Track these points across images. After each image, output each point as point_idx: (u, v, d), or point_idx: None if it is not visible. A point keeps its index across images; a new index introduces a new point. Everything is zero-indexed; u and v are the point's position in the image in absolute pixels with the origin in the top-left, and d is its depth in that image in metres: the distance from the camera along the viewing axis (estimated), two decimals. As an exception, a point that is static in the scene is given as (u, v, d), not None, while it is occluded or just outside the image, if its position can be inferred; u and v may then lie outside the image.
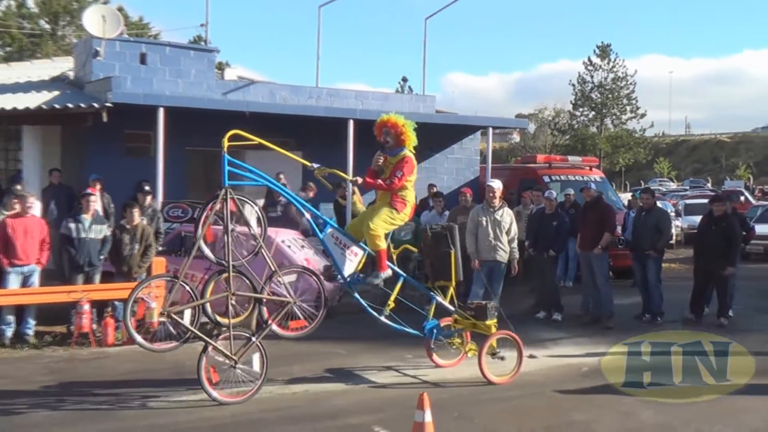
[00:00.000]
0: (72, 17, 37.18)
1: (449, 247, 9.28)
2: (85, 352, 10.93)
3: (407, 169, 8.56)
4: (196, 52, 17.67)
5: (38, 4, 39.24)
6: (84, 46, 17.03)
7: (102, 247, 11.80)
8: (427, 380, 9.41)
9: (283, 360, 10.47)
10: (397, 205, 8.61)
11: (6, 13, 38.96)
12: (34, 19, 38.97)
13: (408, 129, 8.80)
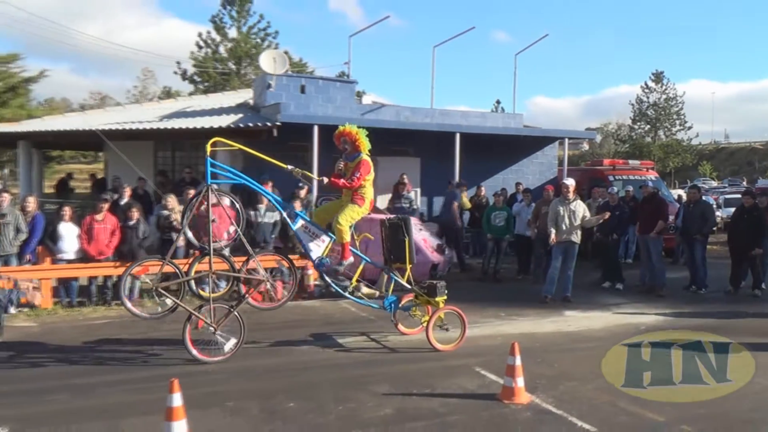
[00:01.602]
0: (251, 60, 38.21)
1: (404, 236, 8.62)
2: (259, 307, 11.30)
3: (363, 170, 8.04)
4: (341, 83, 17.96)
5: (227, 50, 40.55)
6: (260, 81, 17.60)
7: (273, 228, 12.18)
8: (518, 332, 9.32)
9: (404, 315, 10.58)
10: (357, 201, 8.15)
11: (205, 59, 40.50)
12: (224, 62, 40.28)
13: (361, 137, 8.23)
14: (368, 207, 8.32)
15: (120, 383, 7.05)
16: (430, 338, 8.31)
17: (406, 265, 8.65)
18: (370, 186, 8.26)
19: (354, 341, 8.97)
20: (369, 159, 8.21)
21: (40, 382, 6.97)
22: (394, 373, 7.40)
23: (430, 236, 13.67)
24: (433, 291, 8.57)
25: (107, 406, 6.31)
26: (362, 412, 6.23)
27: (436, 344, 8.29)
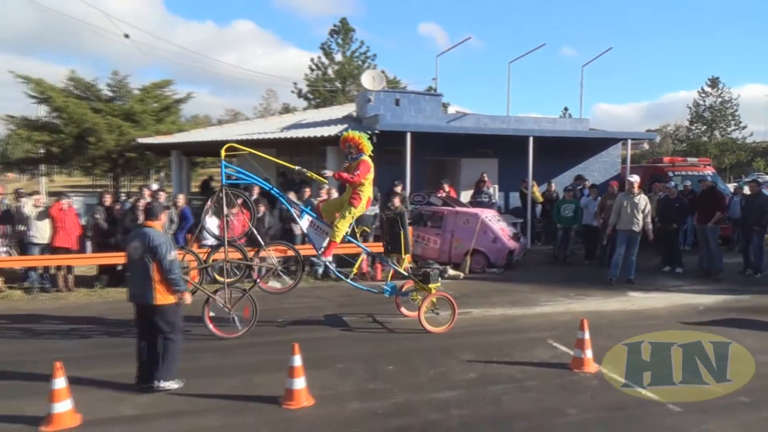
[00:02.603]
0: (354, 79, 38.65)
1: (399, 229, 8.16)
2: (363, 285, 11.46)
3: (363, 169, 7.58)
4: (430, 96, 17.84)
5: (334, 72, 41.22)
6: (362, 96, 17.76)
7: (374, 220, 12.28)
8: (586, 310, 9.01)
9: (486, 294, 10.46)
10: (354, 201, 7.68)
11: (316, 79, 41.31)
12: (332, 82, 40.97)
13: (363, 140, 7.75)
14: (364, 206, 7.84)
15: (251, 346, 7.33)
16: (421, 321, 7.83)
17: (402, 255, 8.21)
18: (369, 185, 7.80)
19: (441, 315, 8.89)
20: (369, 160, 7.75)
21: (192, 343, 7.36)
22: (477, 344, 7.33)
23: (507, 226, 13.41)
24: (427, 278, 8.09)
25: (242, 364, 6.59)
26: (450, 375, 6.21)
27: (426, 326, 7.82)
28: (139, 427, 4.94)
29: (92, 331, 7.98)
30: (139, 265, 5.76)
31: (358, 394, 5.71)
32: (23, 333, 7.89)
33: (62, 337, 7.74)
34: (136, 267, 5.81)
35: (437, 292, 8.10)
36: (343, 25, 41.80)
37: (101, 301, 9.89)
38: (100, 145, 24.76)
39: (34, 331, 7.95)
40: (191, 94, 33.63)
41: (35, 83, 25.36)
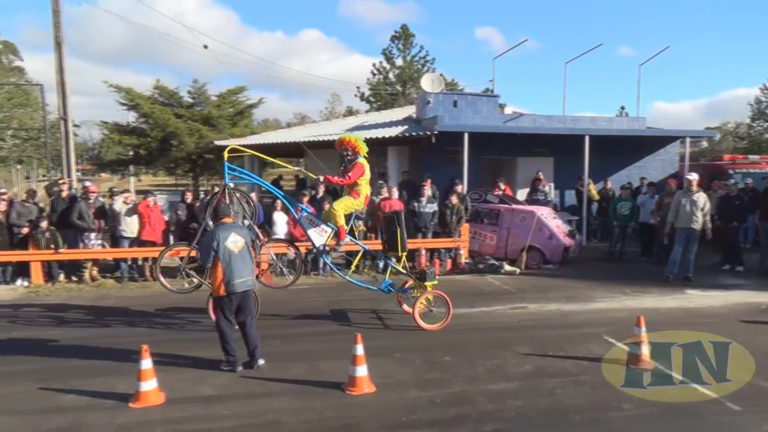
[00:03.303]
0: (414, 82, 38.55)
1: (396, 227, 7.87)
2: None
3: (354, 171, 7.49)
4: (487, 98, 17.58)
5: (395, 76, 41.25)
6: (421, 99, 17.70)
7: (432, 217, 12.24)
8: (642, 307, 8.66)
9: (541, 289, 10.23)
10: (354, 195, 7.65)
11: (377, 83, 41.44)
12: (393, 85, 41.01)
13: (359, 143, 7.61)
14: (363, 201, 7.76)
15: (316, 334, 7.47)
16: (416, 318, 7.59)
17: (398, 253, 7.94)
18: (365, 184, 7.67)
19: (499, 309, 8.80)
20: (364, 162, 7.61)
21: (265, 330, 7.54)
22: (533, 337, 7.18)
23: (563, 223, 13.06)
24: (423, 276, 7.81)
25: (308, 351, 6.70)
26: (506, 367, 6.12)
27: (420, 322, 7.56)
28: (216, 407, 5.12)
29: (175, 317, 8.33)
30: (247, 254, 6.10)
31: (417, 382, 5.70)
32: (115, 318, 8.33)
33: (149, 322, 8.12)
34: (244, 256, 6.07)
35: (433, 290, 7.80)
36: (404, 31, 41.74)
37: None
38: (181, 147, 25.82)
39: (124, 317, 8.37)
40: (262, 100, 34.54)
41: (125, 92, 26.68)
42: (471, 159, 14.72)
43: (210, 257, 5.95)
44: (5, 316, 8.47)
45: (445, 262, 12.12)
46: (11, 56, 39.91)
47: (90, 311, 8.72)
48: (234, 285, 5.94)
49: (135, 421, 4.83)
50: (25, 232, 10.80)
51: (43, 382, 5.64)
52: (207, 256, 5.97)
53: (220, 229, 6.10)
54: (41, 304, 9.37)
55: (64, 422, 4.79)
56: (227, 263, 5.95)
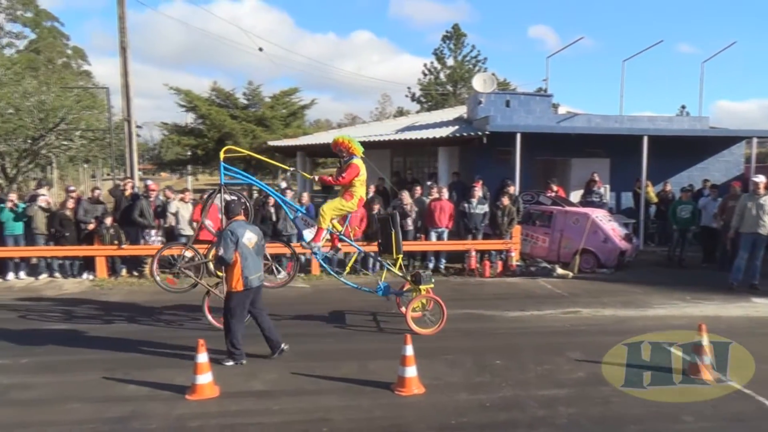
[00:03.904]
0: (465, 82, 38.30)
1: (391, 229, 7.75)
2: (472, 281, 11.33)
3: (348, 172, 7.32)
4: (540, 97, 17.25)
5: (446, 76, 41.07)
6: (473, 99, 17.55)
7: (483, 218, 12.11)
8: (703, 315, 8.30)
9: (595, 294, 9.97)
10: (346, 197, 7.44)
11: (428, 83, 41.35)
12: (443, 85, 40.83)
13: (353, 144, 7.45)
14: (356, 203, 7.55)
15: (366, 333, 7.52)
16: (408, 321, 7.39)
17: (393, 255, 7.81)
18: (360, 185, 7.50)
19: (551, 313, 8.61)
20: (358, 162, 7.43)
21: (314, 328, 7.66)
22: (586, 343, 6.98)
23: (619, 226, 12.66)
24: (418, 279, 7.64)
25: (358, 350, 6.75)
26: (558, 373, 5.98)
27: (413, 326, 7.34)
28: (267, 402, 5.22)
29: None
30: (260, 249, 6.39)
31: (467, 385, 5.65)
32: (173, 312, 8.62)
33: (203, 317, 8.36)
34: (258, 252, 6.33)
35: (427, 294, 7.63)
36: (456, 30, 41.49)
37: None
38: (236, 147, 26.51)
39: (181, 311, 8.65)
40: (315, 101, 35.17)
41: (184, 94, 27.66)
42: (523, 160, 14.47)
43: (233, 254, 6.06)
44: (73, 308, 8.92)
45: (496, 264, 11.97)
46: (80, 61, 42.04)
47: (149, 305, 9.06)
48: (251, 280, 6.18)
49: (191, 412, 4.99)
50: (90, 228, 11.32)
51: (108, 372, 5.91)
52: (231, 252, 6.05)
53: (236, 226, 6.23)
54: (105, 297, 9.81)
55: (126, 411, 5.00)
56: (245, 259, 6.13)
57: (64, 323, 8.07)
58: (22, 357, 6.44)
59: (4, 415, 4.93)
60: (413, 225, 12.05)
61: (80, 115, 21.16)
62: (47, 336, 7.33)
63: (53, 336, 7.34)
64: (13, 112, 19.51)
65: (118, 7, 14.63)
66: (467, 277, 11.53)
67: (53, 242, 11.30)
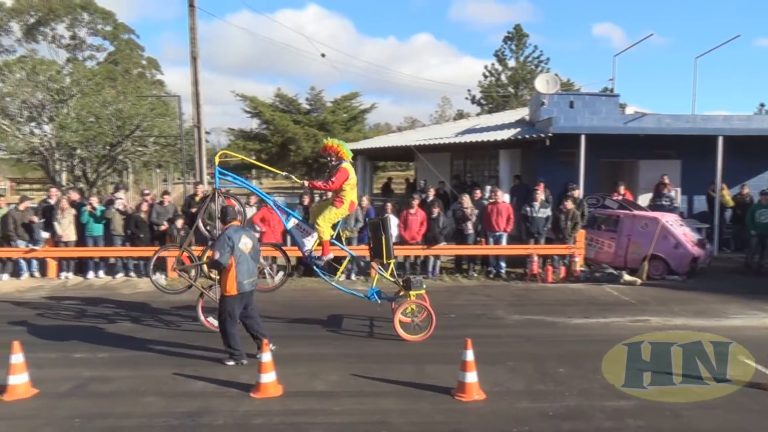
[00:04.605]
0: (527, 83, 37.65)
1: (382, 234, 7.56)
2: (534, 286, 11.10)
3: (337, 177, 7.23)
4: (606, 97, 16.68)
5: (507, 77, 40.47)
6: (535, 100, 17.20)
7: (545, 222, 11.84)
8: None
9: (665, 302, 9.55)
10: (336, 203, 7.38)
11: (489, 85, 40.88)
12: (505, 87, 40.25)
13: (342, 148, 7.35)
14: (347, 208, 7.50)
15: (428, 337, 7.49)
16: (395, 326, 7.30)
17: (383, 259, 7.67)
18: (350, 190, 7.42)
19: (618, 321, 8.31)
20: (347, 167, 7.36)
21: (375, 331, 7.71)
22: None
23: (691, 231, 12.07)
24: (408, 284, 7.49)
25: (417, 354, 6.75)
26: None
27: (400, 332, 7.26)
28: (328, 403, 5.31)
29: (289, 313, 8.74)
30: (255, 255, 6.45)
31: (529, 393, 5.54)
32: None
33: (267, 317, 8.57)
34: (253, 257, 6.40)
35: (416, 300, 7.50)
36: (517, 31, 40.84)
37: (298, 288, 10.77)
38: (299, 152, 27.18)
39: (246, 311, 8.91)
40: (375, 105, 35.43)
41: (250, 100, 28.58)
42: (588, 162, 14.06)
43: (228, 258, 6.16)
44: (146, 306, 9.38)
45: (559, 269, 11.67)
46: (154, 71, 44.16)
47: (216, 305, 9.36)
48: (244, 285, 6.25)
49: (256, 410, 5.14)
50: (163, 230, 11.87)
51: (178, 368, 6.18)
52: (227, 256, 6.15)
53: (233, 230, 6.33)
54: (176, 296, 10.24)
55: (195, 406, 5.21)
56: (239, 264, 6.21)
57: (137, 320, 8.49)
58: (100, 351, 6.83)
59: (85, 405, 5.25)
60: (473, 229, 11.93)
61: (154, 122, 22.25)
62: (122, 332, 7.74)
63: (128, 332, 7.75)
64: (93, 120, 20.74)
65: (189, 18, 15.29)
66: (529, 283, 11.31)
67: (129, 243, 11.92)
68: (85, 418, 4.98)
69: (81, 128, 20.18)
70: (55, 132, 20.67)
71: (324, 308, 8.98)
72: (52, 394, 5.51)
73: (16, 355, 5.46)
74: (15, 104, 20.41)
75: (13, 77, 20.97)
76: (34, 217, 11.71)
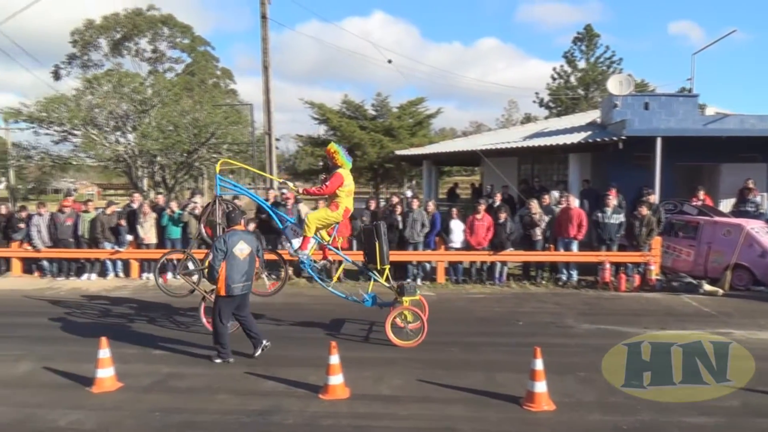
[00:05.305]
0: (598, 85, 36.47)
1: (375, 240, 7.53)
2: (606, 294, 10.70)
3: (331, 181, 7.39)
4: (684, 98, 15.91)
5: (577, 79, 39.35)
6: (607, 102, 16.64)
7: (618, 229, 11.39)
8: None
9: (750, 314, 8.97)
10: (332, 207, 7.54)
11: (558, 88, 39.88)
12: (574, 89, 39.15)
13: (338, 155, 7.45)
14: (341, 214, 7.53)
15: (493, 345, 7.38)
16: (387, 332, 7.28)
17: (377, 265, 7.62)
18: (345, 196, 7.49)
19: (696, 333, 7.86)
20: (343, 173, 7.44)
21: (438, 336, 7.68)
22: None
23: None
24: (402, 290, 7.49)
25: (485, 361, 6.66)
26: (707, 400, 5.44)
27: (392, 337, 7.24)
28: (394, 407, 5.33)
29: (356, 315, 8.83)
30: (251, 261, 6.65)
31: (601, 405, 5.34)
32: (305, 314, 9.09)
33: (333, 318, 8.73)
34: (250, 261, 6.63)
35: (410, 306, 7.41)
36: (588, 31, 39.67)
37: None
38: (365, 157, 27.45)
39: (313, 313, 9.10)
40: (440, 110, 35.33)
41: (318, 107, 29.18)
42: (664, 166, 13.43)
43: (220, 260, 6.43)
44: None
45: (632, 277, 11.18)
46: (227, 80, 46.01)
47: (285, 307, 9.61)
48: (232, 288, 6.47)
49: (324, 411, 5.23)
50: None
51: (249, 368, 6.38)
52: (218, 261, 6.44)
53: (230, 235, 6.59)
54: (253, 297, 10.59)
55: (266, 405, 5.36)
56: (230, 267, 6.46)
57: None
58: (177, 349, 7.16)
59: (164, 400, 5.52)
60: (542, 235, 11.63)
61: (227, 130, 23.14)
62: (197, 330, 8.07)
63: (202, 330, 8.06)
64: (172, 129, 21.81)
65: (261, 29, 15.83)
66: (601, 291, 10.90)
67: (204, 246, 12.40)
68: (164, 412, 5.23)
69: (161, 137, 21.27)
70: (137, 140, 21.90)
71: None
72: (135, 387, 5.83)
73: (104, 351, 5.81)
74: (102, 115, 21.78)
75: (101, 90, 22.39)
76: (122, 220, 12.42)
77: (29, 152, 23.82)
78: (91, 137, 21.52)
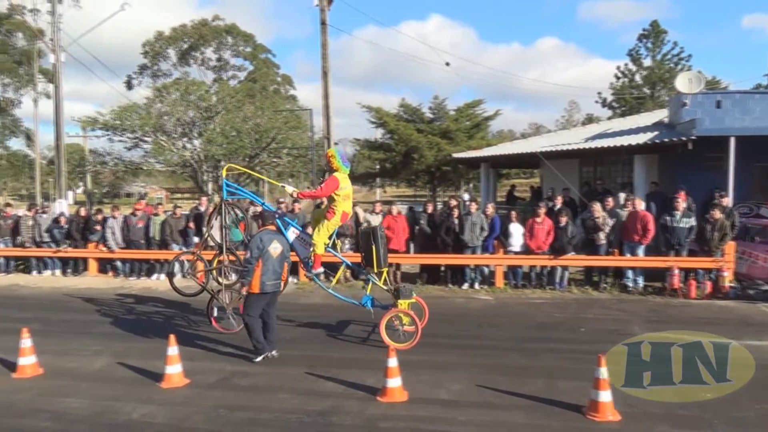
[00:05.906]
0: (665, 83, 35.01)
1: (373, 243, 7.57)
2: (674, 302, 10.22)
3: (326, 184, 7.53)
4: (760, 95, 15.06)
5: (642, 78, 37.92)
6: (675, 100, 15.92)
7: (688, 233, 10.87)
8: None
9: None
10: (328, 215, 7.60)
11: (622, 87, 38.52)
12: (639, 88, 37.74)
13: (334, 160, 7.55)
14: (339, 219, 7.60)
15: (554, 351, 7.20)
16: (381, 331, 7.26)
17: (374, 268, 7.69)
18: (342, 200, 7.52)
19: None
20: (339, 177, 7.48)
21: (498, 342, 7.58)
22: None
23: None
24: (398, 293, 7.58)
25: (546, 368, 6.51)
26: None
27: (387, 340, 7.16)
28: (453, 412, 5.29)
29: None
30: (283, 261, 6.87)
31: (669, 417, 5.11)
32: (361, 316, 9.09)
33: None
34: (281, 260, 6.83)
35: (404, 309, 7.43)
36: (654, 28, 38.15)
37: (422, 296, 10.84)
38: (422, 160, 27.42)
39: (369, 315, 9.13)
40: (498, 112, 34.85)
41: (375, 111, 29.40)
42: (738, 167, 12.71)
43: (256, 258, 6.59)
44: (282, 308, 9.93)
45: (704, 284, 10.65)
46: (287, 86, 47.13)
47: (342, 309, 9.70)
48: (266, 285, 6.67)
49: (383, 414, 5.26)
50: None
51: (310, 368, 6.50)
52: (255, 258, 6.60)
53: (265, 234, 6.80)
54: (306, 299, 10.81)
55: (325, 405, 5.45)
56: (266, 266, 6.65)
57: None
58: (240, 347, 7.37)
59: (229, 397, 5.71)
60: (606, 239, 11.24)
61: (287, 135, 23.72)
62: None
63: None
64: (235, 135, 22.56)
65: (320, 35, 16.12)
66: (669, 298, 10.43)
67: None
68: (228, 409, 5.41)
69: (225, 142, 22.04)
70: (203, 146, 22.78)
71: (445, 317, 8.96)
72: (202, 384, 6.05)
73: (172, 348, 6.07)
74: (171, 122, 22.80)
75: (170, 98, 23.43)
76: (191, 223, 12.92)
77: (104, 158, 25.24)
78: (160, 143, 22.56)
